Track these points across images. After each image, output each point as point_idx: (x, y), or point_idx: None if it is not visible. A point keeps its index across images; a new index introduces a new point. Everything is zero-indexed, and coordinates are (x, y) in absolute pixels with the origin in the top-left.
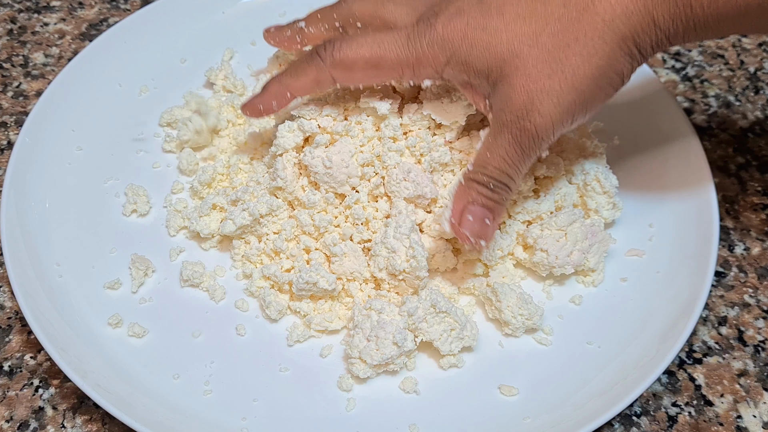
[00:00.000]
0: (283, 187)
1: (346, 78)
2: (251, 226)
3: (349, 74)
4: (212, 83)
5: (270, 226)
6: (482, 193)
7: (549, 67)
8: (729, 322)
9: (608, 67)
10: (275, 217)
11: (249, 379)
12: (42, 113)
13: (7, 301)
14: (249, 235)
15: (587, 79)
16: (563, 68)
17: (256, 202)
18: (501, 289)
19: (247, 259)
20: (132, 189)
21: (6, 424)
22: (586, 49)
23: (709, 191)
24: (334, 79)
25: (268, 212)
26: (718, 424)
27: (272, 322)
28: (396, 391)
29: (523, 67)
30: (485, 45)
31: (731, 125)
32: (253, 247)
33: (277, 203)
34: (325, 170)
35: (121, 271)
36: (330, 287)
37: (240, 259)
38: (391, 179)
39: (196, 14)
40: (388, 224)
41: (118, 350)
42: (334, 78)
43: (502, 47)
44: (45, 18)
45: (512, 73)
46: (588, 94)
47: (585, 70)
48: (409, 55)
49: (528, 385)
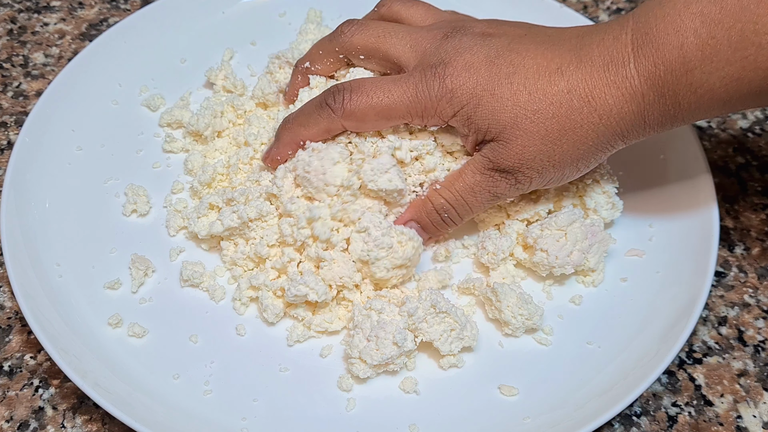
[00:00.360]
0: (277, 195)
1: (356, 127)
2: (239, 228)
3: (360, 124)
4: (212, 83)
5: (259, 231)
6: (430, 217)
7: (543, 145)
8: (729, 322)
9: (592, 154)
10: (264, 222)
11: (249, 379)
12: (42, 113)
13: (7, 301)
14: (237, 237)
15: (572, 161)
16: (554, 150)
17: (247, 206)
18: (501, 289)
19: (234, 262)
20: (132, 189)
21: (6, 424)
22: (579, 138)
23: (709, 191)
24: (344, 127)
25: (257, 217)
26: (718, 424)
27: (270, 325)
28: (396, 391)
29: (522, 137)
30: (491, 109)
31: (731, 125)
32: (239, 251)
33: (267, 209)
34: (304, 173)
35: (121, 271)
36: (320, 299)
37: (228, 261)
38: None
39: (196, 14)
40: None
41: (118, 350)
42: (345, 127)
43: (506, 115)
44: (45, 18)
45: (510, 139)
46: (568, 173)
47: (573, 154)
48: (418, 105)
49: (528, 385)
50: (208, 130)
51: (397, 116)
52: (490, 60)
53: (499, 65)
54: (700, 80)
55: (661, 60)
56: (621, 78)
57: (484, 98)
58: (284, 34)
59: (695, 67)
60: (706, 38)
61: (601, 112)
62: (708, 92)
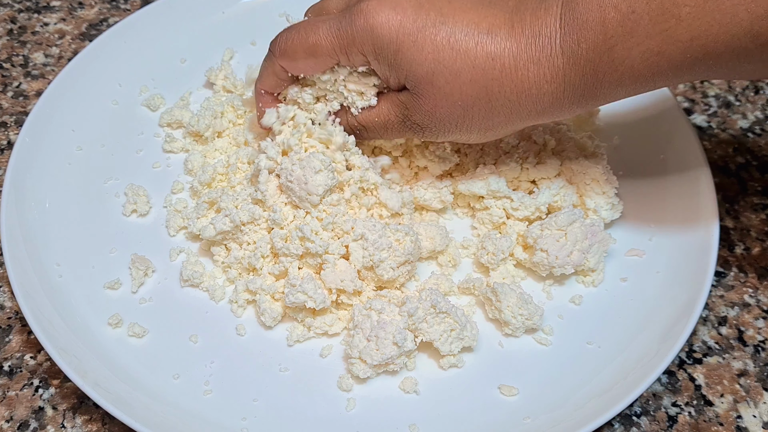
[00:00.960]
0: (263, 201)
1: (292, 67)
2: (232, 232)
3: (293, 63)
4: (212, 83)
5: (251, 235)
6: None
7: (454, 108)
8: (729, 322)
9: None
10: (257, 226)
11: (249, 379)
12: (42, 113)
13: (7, 301)
14: (230, 241)
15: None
16: (465, 116)
17: (239, 210)
18: (501, 289)
19: (229, 266)
20: (132, 189)
21: (6, 424)
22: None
23: (709, 191)
24: (284, 70)
25: (249, 220)
26: (718, 424)
27: (267, 329)
28: (396, 391)
29: (434, 96)
30: (410, 59)
31: (731, 125)
32: (232, 256)
33: (259, 213)
34: (287, 182)
35: (121, 271)
36: (318, 306)
37: (221, 265)
38: None
39: (196, 14)
40: None
41: (118, 350)
42: (284, 68)
43: (423, 68)
44: (45, 18)
45: (423, 95)
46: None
47: (482, 125)
48: (342, 41)
49: (528, 385)
50: (209, 131)
51: (324, 53)
52: (420, 4)
53: (428, 10)
54: (621, 56)
55: (584, 38)
56: (546, 56)
57: (405, 44)
58: None
59: (616, 43)
60: (626, 12)
61: (519, 88)
62: (629, 69)
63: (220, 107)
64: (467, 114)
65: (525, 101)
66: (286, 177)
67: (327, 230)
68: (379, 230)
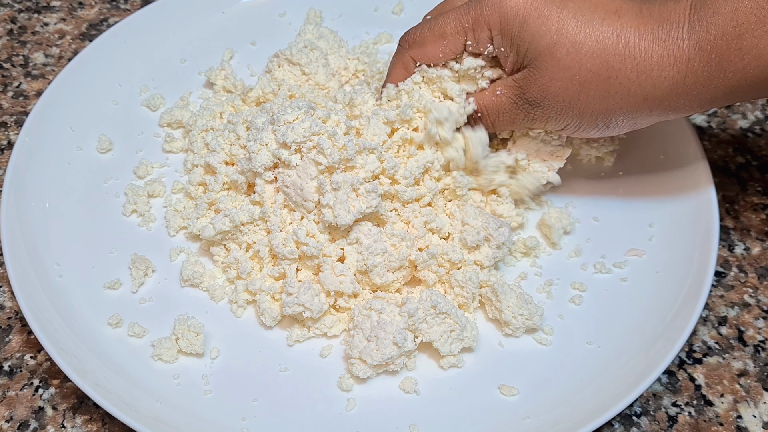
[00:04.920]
0: (261, 203)
1: (421, 55)
2: (232, 233)
3: (423, 50)
4: (212, 83)
5: (251, 235)
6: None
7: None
8: (729, 322)
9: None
10: (256, 226)
11: (249, 379)
12: (42, 113)
13: (7, 301)
14: (230, 242)
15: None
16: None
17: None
18: (501, 289)
19: (228, 266)
20: (132, 189)
21: (6, 424)
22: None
23: (709, 191)
24: (413, 60)
25: (249, 221)
26: (718, 424)
27: (267, 329)
28: (396, 391)
29: (552, 68)
30: (533, 32)
31: (731, 125)
32: (231, 256)
33: (258, 213)
34: (284, 187)
35: (121, 271)
36: (315, 316)
37: (221, 266)
38: None
39: (196, 14)
40: None
41: (118, 350)
42: (413, 58)
43: (546, 40)
44: (45, 18)
45: (541, 67)
46: (586, 124)
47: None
48: (469, 16)
49: (528, 385)
50: None
51: (452, 31)
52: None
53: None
54: (750, 45)
55: (714, 25)
56: (671, 39)
57: (531, 17)
58: (284, 34)
59: (747, 30)
60: (762, 1)
61: (641, 68)
62: (755, 58)
63: (219, 107)
64: (582, 91)
65: (644, 83)
66: (283, 182)
67: (324, 233)
68: (375, 234)
